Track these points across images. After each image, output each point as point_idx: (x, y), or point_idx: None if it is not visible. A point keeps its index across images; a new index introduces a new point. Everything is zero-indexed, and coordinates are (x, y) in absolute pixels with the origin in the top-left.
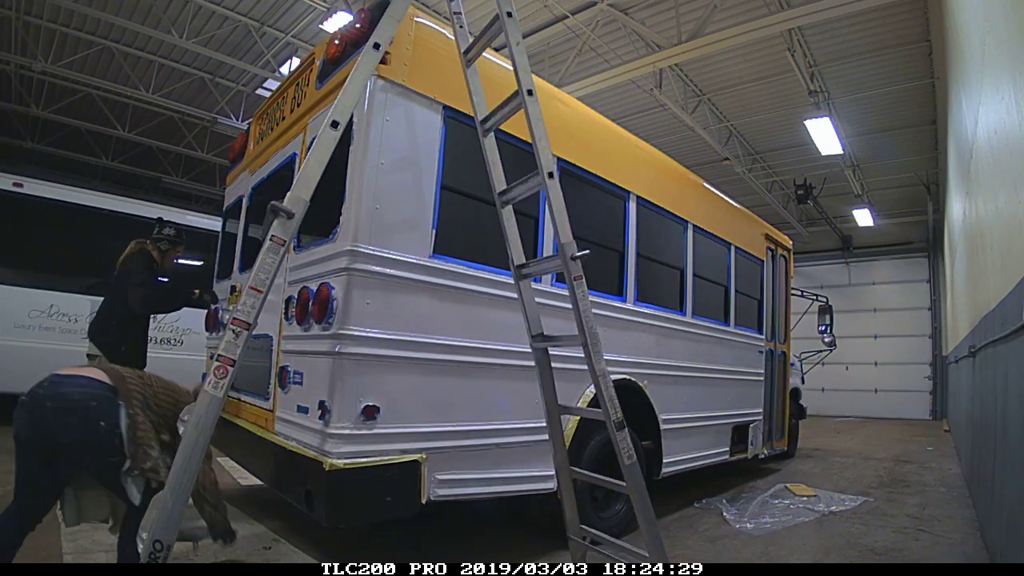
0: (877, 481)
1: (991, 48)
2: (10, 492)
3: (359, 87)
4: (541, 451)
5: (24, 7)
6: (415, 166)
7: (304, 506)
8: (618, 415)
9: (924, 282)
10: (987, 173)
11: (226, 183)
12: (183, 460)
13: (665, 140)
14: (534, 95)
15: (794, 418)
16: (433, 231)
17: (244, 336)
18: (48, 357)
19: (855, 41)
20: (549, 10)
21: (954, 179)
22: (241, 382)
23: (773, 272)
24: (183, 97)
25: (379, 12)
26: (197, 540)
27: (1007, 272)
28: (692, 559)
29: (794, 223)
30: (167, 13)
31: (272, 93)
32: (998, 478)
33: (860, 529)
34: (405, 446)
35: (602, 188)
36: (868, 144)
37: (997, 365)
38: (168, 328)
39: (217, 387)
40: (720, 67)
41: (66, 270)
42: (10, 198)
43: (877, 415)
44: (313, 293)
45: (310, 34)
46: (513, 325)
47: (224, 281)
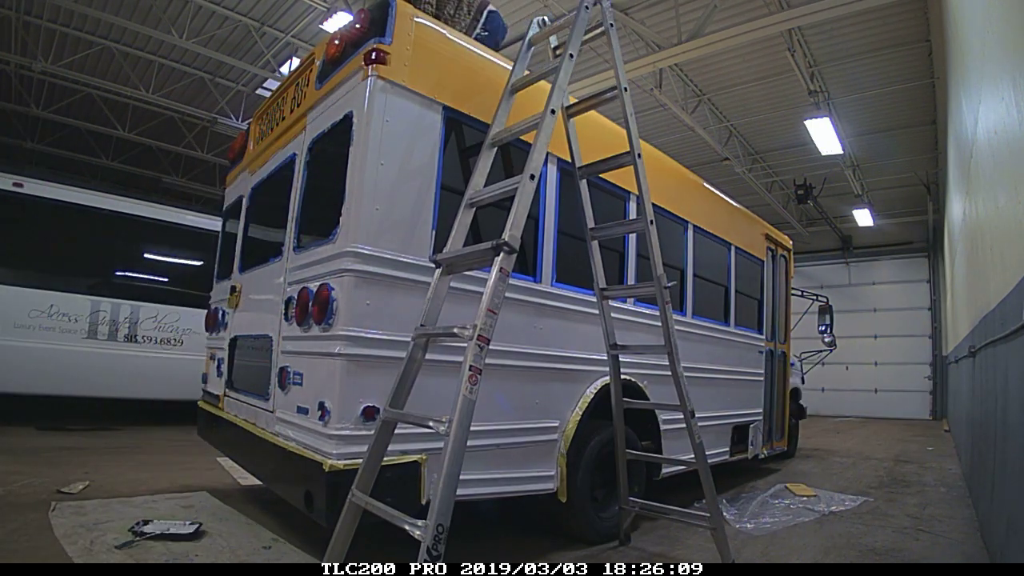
0: (877, 481)
1: (991, 48)
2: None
3: (545, 144)
4: (541, 451)
5: (24, 7)
6: (415, 167)
7: (303, 506)
8: (691, 406)
9: (924, 282)
10: (987, 173)
11: (226, 183)
12: (452, 453)
13: (665, 140)
14: (641, 157)
15: (794, 418)
16: (433, 232)
17: (486, 349)
18: (48, 357)
19: (855, 41)
20: (549, 10)
21: (954, 179)
22: (241, 383)
23: (773, 272)
24: (183, 97)
25: (379, 12)
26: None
27: (1007, 272)
28: (692, 559)
29: (794, 223)
30: (167, 13)
31: (272, 93)
32: (998, 478)
33: (860, 529)
34: (405, 447)
35: (603, 189)
36: (868, 144)
37: (997, 365)
38: (168, 328)
39: (472, 392)
40: (720, 67)
41: (66, 270)
42: (10, 198)
43: (877, 415)
44: (313, 294)
45: (310, 34)
46: (513, 326)
47: (224, 281)
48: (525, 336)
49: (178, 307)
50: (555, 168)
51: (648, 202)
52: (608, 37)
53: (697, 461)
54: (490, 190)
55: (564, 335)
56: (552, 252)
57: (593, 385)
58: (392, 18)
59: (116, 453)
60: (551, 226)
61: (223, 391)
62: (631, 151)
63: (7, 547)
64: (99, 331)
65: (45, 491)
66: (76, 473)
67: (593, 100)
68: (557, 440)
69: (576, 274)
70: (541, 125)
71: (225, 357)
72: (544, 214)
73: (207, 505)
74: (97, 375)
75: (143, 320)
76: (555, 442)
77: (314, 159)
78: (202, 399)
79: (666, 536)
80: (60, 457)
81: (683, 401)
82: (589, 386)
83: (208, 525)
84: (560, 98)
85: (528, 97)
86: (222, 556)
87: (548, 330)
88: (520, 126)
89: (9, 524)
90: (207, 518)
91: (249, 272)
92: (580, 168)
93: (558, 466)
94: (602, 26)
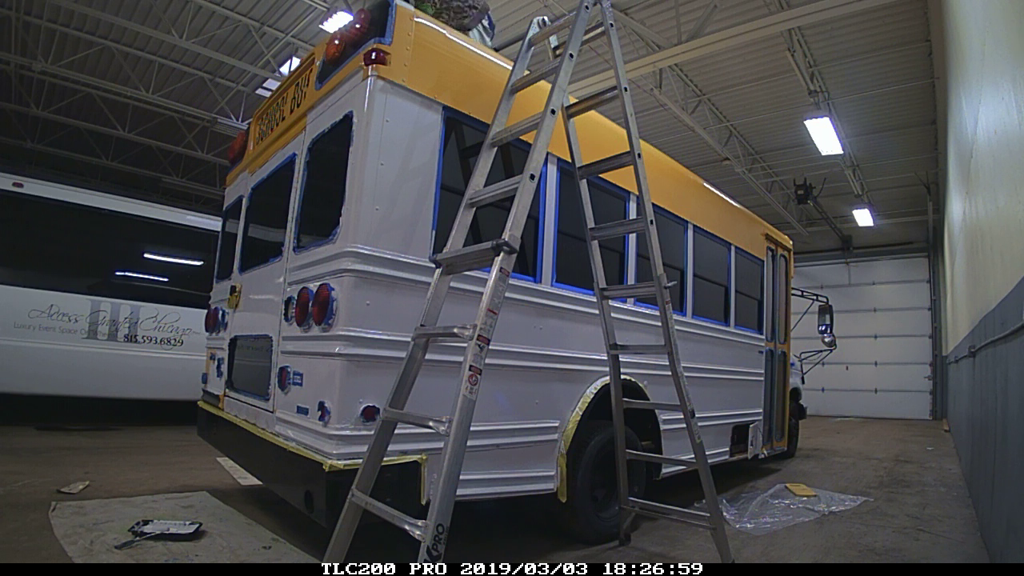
0: (877, 481)
1: (991, 48)
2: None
3: (545, 144)
4: (541, 451)
5: (24, 7)
6: (415, 167)
7: (303, 507)
8: (691, 406)
9: (924, 282)
10: (987, 173)
11: (226, 183)
12: (452, 453)
13: (665, 140)
14: (641, 157)
15: (794, 418)
16: (433, 232)
17: (486, 349)
18: (48, 357)
19: (855, 41)
20: (549, 10)
21: (954, 179)
22: (241, 383)
23: (773, 272)
24: (183, 97)
25: (379, 12)
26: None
27: (1007, 272)
28: (692, 559)
29: (794, 223)
30: (167, 13)
31: (272, 93)
32: (998, 478)
33: (860, 529)
34: (405, 447)
35: (603, 189)
36: (868, 144)
37: (997, 365)
38: (168, 328)
39: (472, 392)
40: (720, 67)
41: (66, 270)
42: (10, 198)
43: (877, 415)
44: (313, 294)
45: (310, 34)
46: (513, 326)
47: (224, 281)
48: (525, 336)
49: (178, 307)
50: (555, 168)
51: (648, 202)
52: (608, 37)
53: (697, 461)
54: (490, 190)
55: (564, 335)
56: (552, 252)
57: (593, 385)
58: (392, 18)
59: (116, 453)
60: (551, 226)
61: (223, 391)
62: (631, 151)
63: (7, 547)
64: (99, 331)
65: (45, 491)
66: (76, 473)
67: (593, 100)
68: (557, 440)
69: (576, 274)
70: (541, 125)
71: (225, 357)
72: (544, 214)
73: (207, 505)
74: (97, 375)
75: (143, 320)
76: (555, 442)
77: (314, 159)
78: (202, 399)
79: (666, 536)
80: (60, 457)
81: (683, 401)
82: (589, 386)
83: (208, 525)
84: (560, 98)
85: (528, 97)
86: (222, 556)
87: (548, 330)
88: (520, 126)
89: (9, 524)
90: (207, 518)
91: (249, 272)
92: (580, 168)
93: (558, 466)
94: (602, 26)
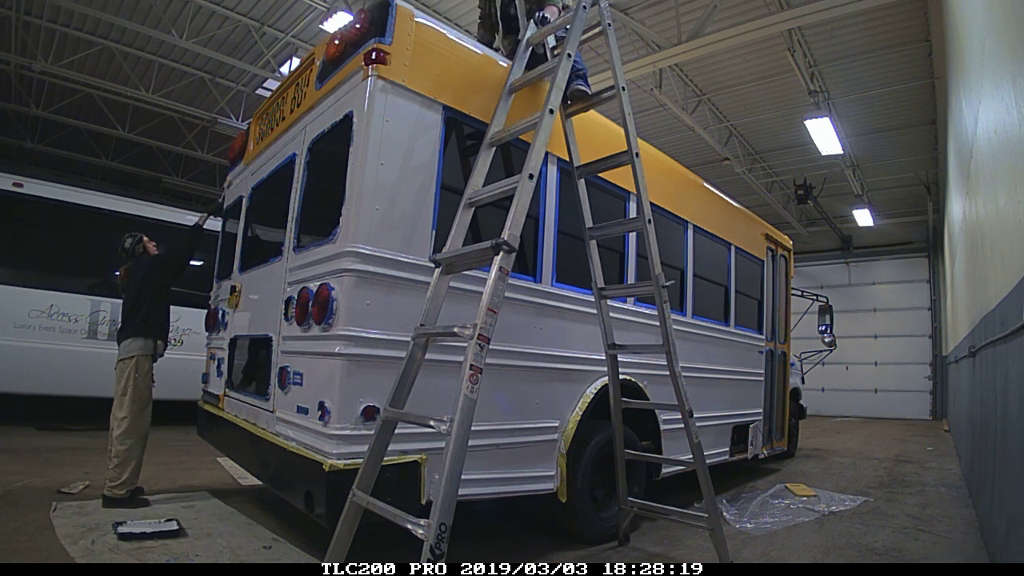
0: (877, 481)
1: (991, 48)
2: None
3: (544, 143)
4: (541, 451)
5: (24, 7)
6: (415, 166)
7: (304, 506)
8: (689, 406)
9: (924, 282)
10: (987, 173)
11: (226, 183)
12: (454, 452)
13: (665, 140)
14: (639, 157)
15: (794, 418)
16: (433, 231)
17: (487, 348)
18: (48, 357)
19: (855, 41)
20: None
21: (954, 179)
22: (241, 383)
23: (773, 272)
24: (183, 97)
25: (379, 12)
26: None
27: (1007, 272)
28: (692, 559)
29: (794, 223)
30: (167, 13)
31: (272, 93)
32: (998, 478)
33: (860, 529)
34: (405, 446)
35: (602, 188)
36: (868, 144)
37: (997, 365)
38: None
39: (472, 391)
40: (720, 67)
41: (66, 270)
42: (10, 198)
43: (877, 415)
44: (313, 294)
45: (310, 34)
46: (513, 326)
47: (224, 281)
48: (525, 336)
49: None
50: (555, 168)
51: (646, 201)
52: (606, 37)
53: (696, 461)
54: (489, 190)
55: (564, 335)
56: (552, 252)
57: (593, 385)
58: (392, 18)
59: None
60: (551, 226)
61: (223, 391)
62: (629, 150)
63: (7, 547)
64: (99, 331)
65: (45, 491)
66: (76, 473)
67: (591, 100)
68: (557, 440)
69: (576, 274)
70: (540, 125)
71: (225, 357)
72: (544, 214)
73: (207, 505)
74: (97, 375)
75: None
76: (555, 442)
77: (314, 159)
78: (202, 399)
79: (666, 536)
80: (60, 457)
81: (681, 401)
82: (589, 386)
83: (208, 525)
84: (558, 98)
85: (527, 97)
86: (222, 556)
87: (548, 330)
88: (519, 126)
89: (10, 524)
90: (207, 518)
91: (249, 272)
92: (578, 167)
93: (558, 466)
94: (600, 25)
